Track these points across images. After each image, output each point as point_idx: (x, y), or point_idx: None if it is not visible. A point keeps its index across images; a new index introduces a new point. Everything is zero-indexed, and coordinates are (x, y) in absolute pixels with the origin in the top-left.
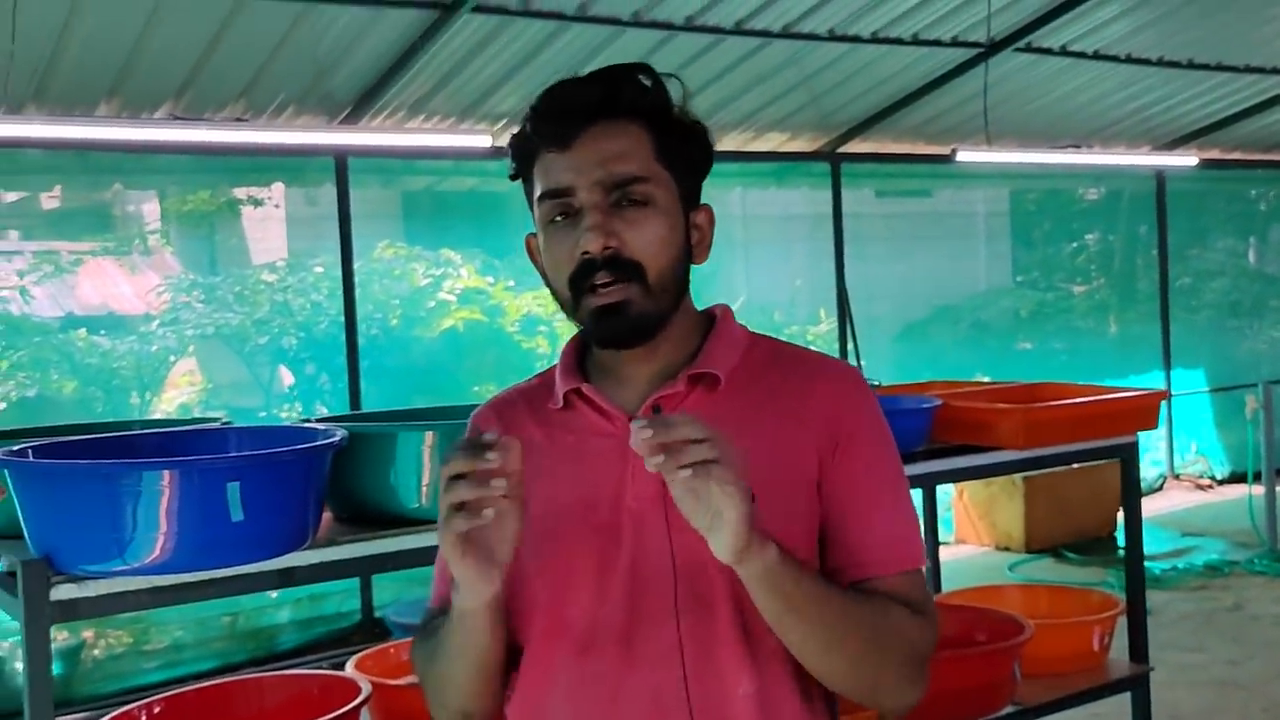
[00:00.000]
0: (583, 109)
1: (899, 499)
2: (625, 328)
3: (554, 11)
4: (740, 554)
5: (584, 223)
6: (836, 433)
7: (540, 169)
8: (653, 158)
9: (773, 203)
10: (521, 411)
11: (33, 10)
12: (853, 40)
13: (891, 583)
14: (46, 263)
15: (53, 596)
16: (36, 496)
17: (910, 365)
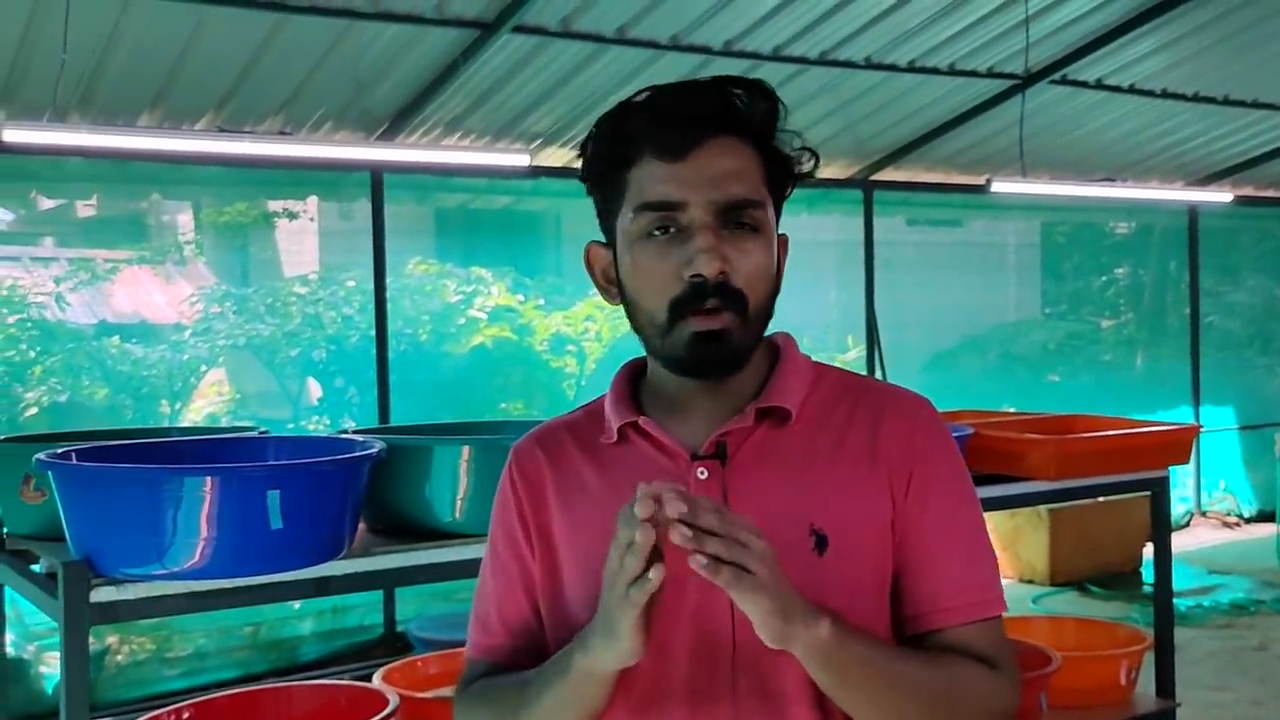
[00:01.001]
0: (703, 119)
1: (975, 542)
2: (724, 357)
3: (593, 34)
4: (782, 640)
5: (696, 243)
6: (910, 472)
7: (643, 177)
8: (761, 181)
9: (804, 228)
10: (568, 446)
11: (82, 20)
12: (889, 69)
13: (965, 633)
14: (82, 270)
15: (92, 599)
16: (79, 499)
17: (938, 395)
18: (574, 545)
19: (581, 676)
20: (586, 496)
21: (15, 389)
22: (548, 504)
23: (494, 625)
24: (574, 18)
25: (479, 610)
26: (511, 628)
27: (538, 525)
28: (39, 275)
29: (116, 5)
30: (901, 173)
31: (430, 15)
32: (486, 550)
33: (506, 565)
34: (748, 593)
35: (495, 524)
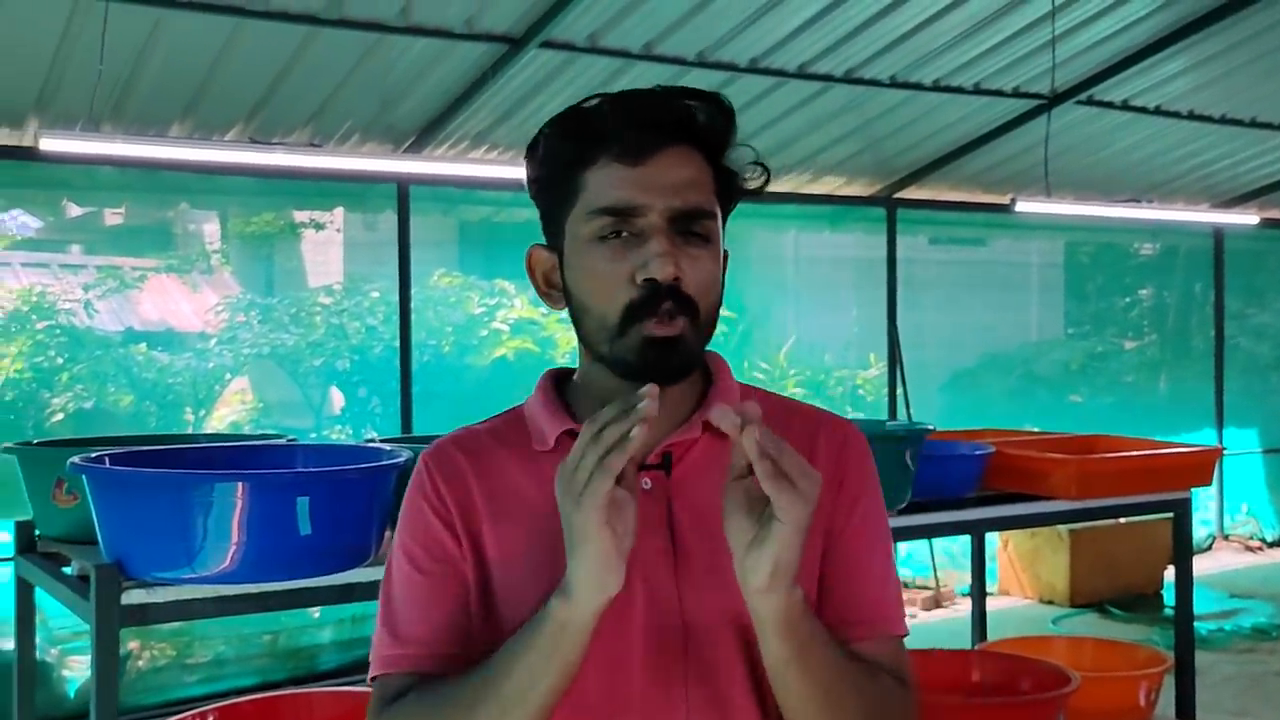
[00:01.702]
0: (664, 126)
1: (889, 563)
2: (676, 363)
3: (620, 50)
4: (777, 577)
5: (651, 247)
6: (839, 487)
7: (600, 179)
8: (714, 193)
9: (826, 246)
10: (495, 452)
11: (117, 31)
12: (914, 87)
13: (878, 647)
14: (110, 278)
15: (123, 601)
16: (111, 503)
17: (958, 413)
18: (510, 553)
19: (557, 628)
20: (521, 504)
21: (43, 395)
22: (475, 508)
23: (422, 637)
24: (601, 33)
25: (399, 627)
26: (441, 635)
27: (467, 531)
28: (68, 282)
29: (151, 17)
30: (925, 191)
31: (459, 30)
32: (397, 563)
33: (433, 574)
34: (789, 499)
35: (413, 534)
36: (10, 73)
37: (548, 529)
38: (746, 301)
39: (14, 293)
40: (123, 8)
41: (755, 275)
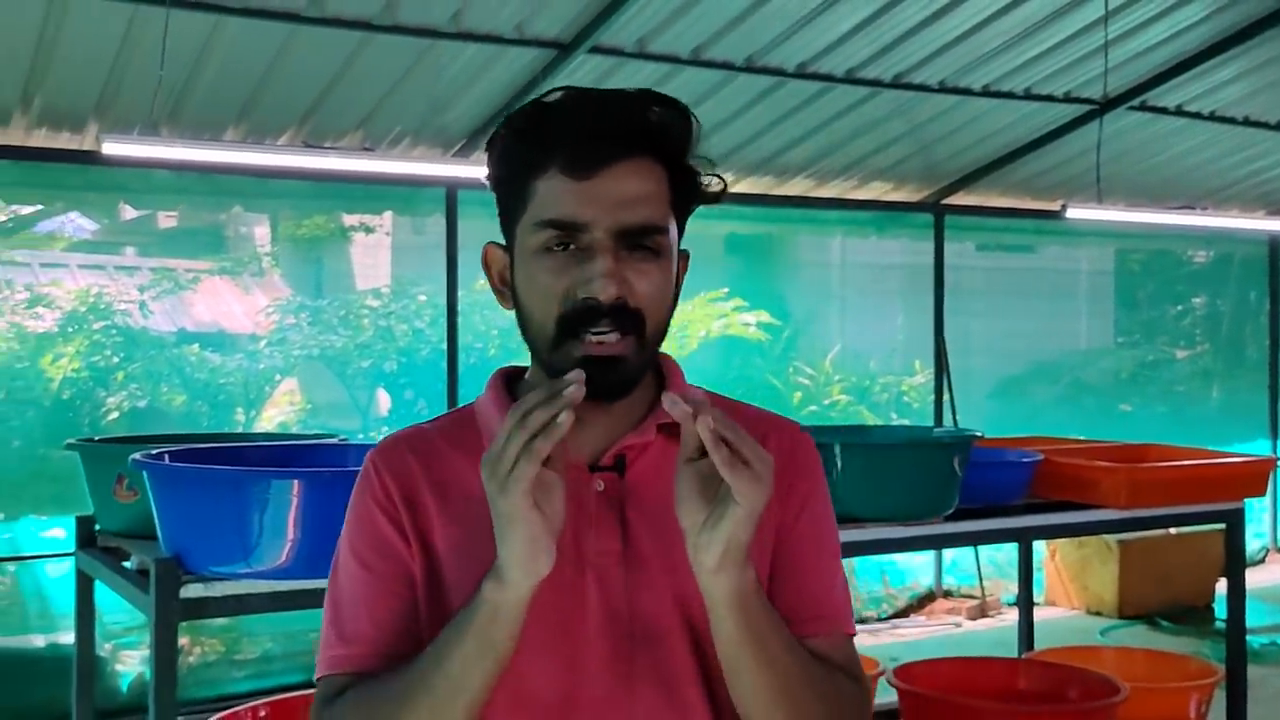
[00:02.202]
0: (616, 137)
1: (837, 562)
2: (614, 381)
3: (669, 55)
4: (729, 556)
5: (595, 266)
6: (789, 487)
7: (548, 190)
8: (668, 204)
9: (872, 252)
10: (443, 451)
11: (176, 37)
12: (963, 93)
13: (828, 643)
14: (165, 279)
15: (182, 595)
16: (171, 499)
17: (1005, 421)
18: (461, 554)
19: (490, 611)
20: (472, 505)
21: (99, 393)
22: (425, 508)
23: (368, 637)
24: (650, 38)
25: (345, 626)
26: (388, 635)
27: (415, 530)
28: (123, 283)
29: (209, 23)
30: (973, 197)
31: (510, 35)
32: (344, 562)
33: (381, 573)
34: (746, 483)
35: (359, 532)
36: (72, 78)
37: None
38: (791, 308)
39: (72, 293)
40: (182, 13)
41: (800, 281)
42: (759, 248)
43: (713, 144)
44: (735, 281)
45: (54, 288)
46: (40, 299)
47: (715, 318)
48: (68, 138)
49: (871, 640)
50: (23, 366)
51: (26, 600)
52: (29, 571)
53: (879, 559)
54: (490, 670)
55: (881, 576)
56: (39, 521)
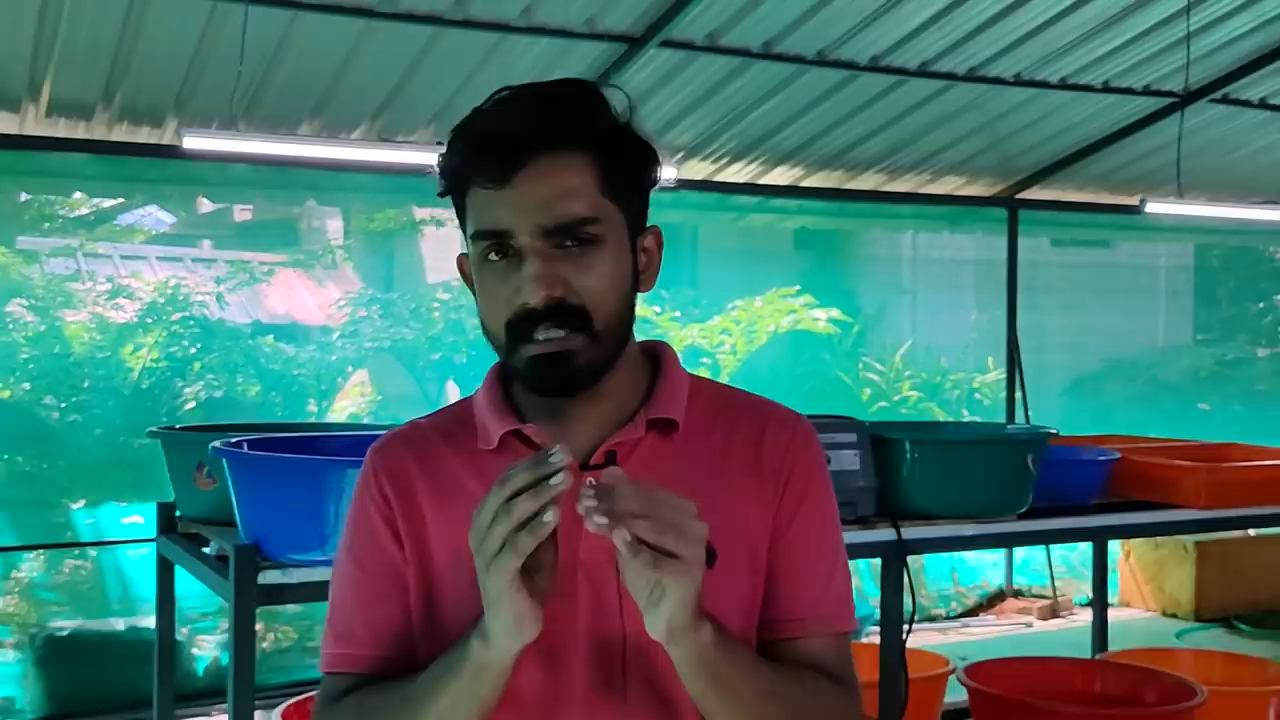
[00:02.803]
0: (522, 140)
1: (838, 557)
2: (566, 378)
3: (740, 48)
4: (674, 635)
5: (525, 270)
6: (786, 482)
7: (474, 203)
8: (600, 192)
9: (944, 247)
10: (440, 449)
11: (253, 32)
12: (1040, 85)
13: (820, 644)
14: (241, 271)
15: (260, 581)
16: (250, 487)
17: (1079, 419)
18: (453, 554)
19: (477, 667)
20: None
21: (176, 383)
22: (420, 509)
23: (359, 636)
24: (721, 32)
25: (339, 624)
26: (381, 639)
27: (410, 531)
28: (201, 275)
29: (285, 18)
30: (1049, 192)
31: (580, 30)
32: (341, 559)
33: (372, 572)
34: (670, 577)
35: (355, 530)
36: (152, 74)
37: None
38: (861, 303)
39: (151, 285)
40: (259, 9)
41: (871, 276)
42: (829, 243)
43: (783, 138)
44: (805, 277)
45: (134, 279)
46: (121, 290)
47: (785, 313)
48: (148, 132)
49: (940, 639)
50: (104, 356)
51: (107, 584)
52: (110, 556)
53: (949, 556)
54: (477, 711)
55: (951, 574)
56: (120, 508)
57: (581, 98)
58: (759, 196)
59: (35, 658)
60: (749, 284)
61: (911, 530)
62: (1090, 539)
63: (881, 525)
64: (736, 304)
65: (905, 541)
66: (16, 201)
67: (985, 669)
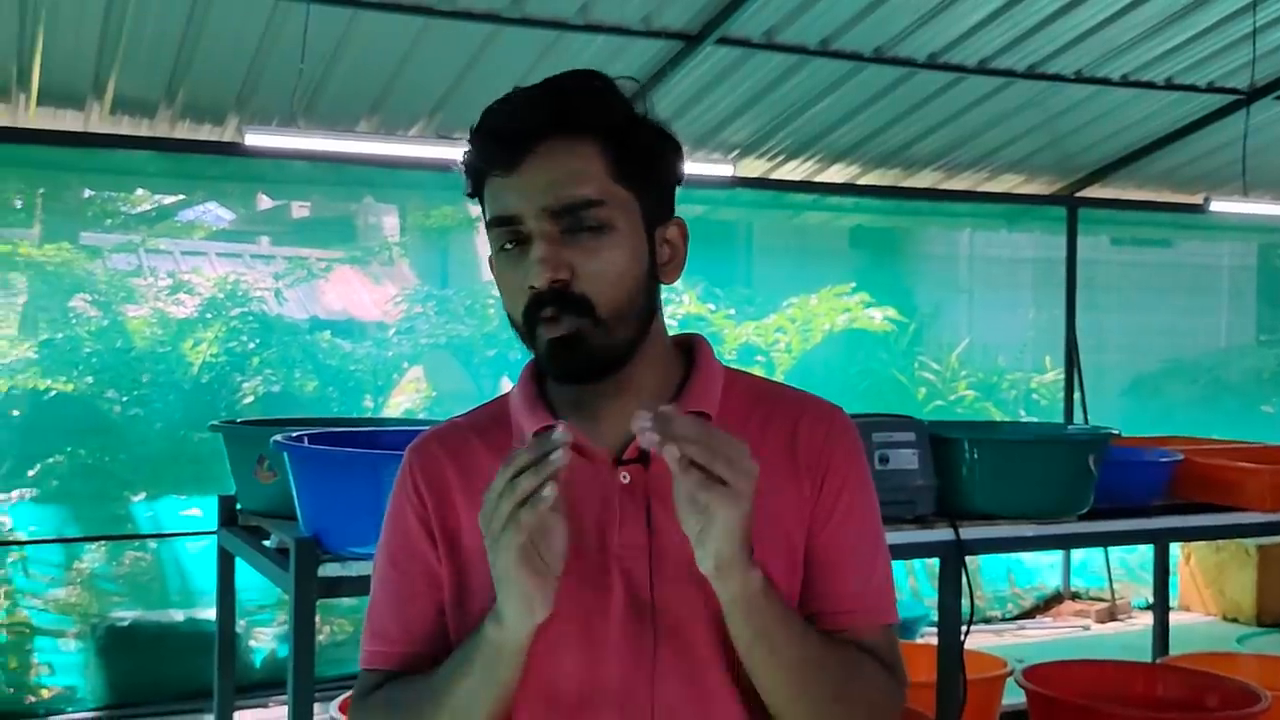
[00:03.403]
0: (529, 128)
1: (878, 550)
2: (581, 362)
3: (797, 45)
4: (724, 567)
5: (532, 254)
6: (823, 475)
7: (488, 193)
8: (610, 178)
9: (1002, 245)
10: (475, 448)
11: (313, 31)
12: (1101, 82)
13: (866, 635)
14: (299, 268)
15: (320, 573)
16: (310, 480)
17: (1139, 420)
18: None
19: (492, 650)
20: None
21: (235, 378)
22: (454, 508)
23: (393, 634)
24: (778, 29)
25: (374, 621)
26: (414, 636)
27: (443, 530)
28: (260, 271)
29: (345, 16)
30: (1109, 190)
31: (637, 27)
32: (379, 557)
33: (407, 571)
34: (718, 500)
35: (392, 529)
36: (214, 72)
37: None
38: (917, 301)
39: (211, 280)
40: (320, 7)
41: (927, 275)
42: (885, 241)
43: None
44: (861, 275)
45: (194, 275)
46: (182, 285)
47: (840, 311)
48: (209, 130)
49: (996, 640)
50: (165, 351)
51: (167, 576)
52: (169, 548)
53: (1005, 558)
54: (497, 696)
55: (1007, 576)
56: (179, 501)
57: (588, 86)
58: (814, 194)
59: (96, 647)
60: (804, 282)
61: (970, 530)
62: (1152, 541)
63: (940, 525)
64: (791, 302)
65: (964, 541)
66: (80, 198)
67: (1044, 671)
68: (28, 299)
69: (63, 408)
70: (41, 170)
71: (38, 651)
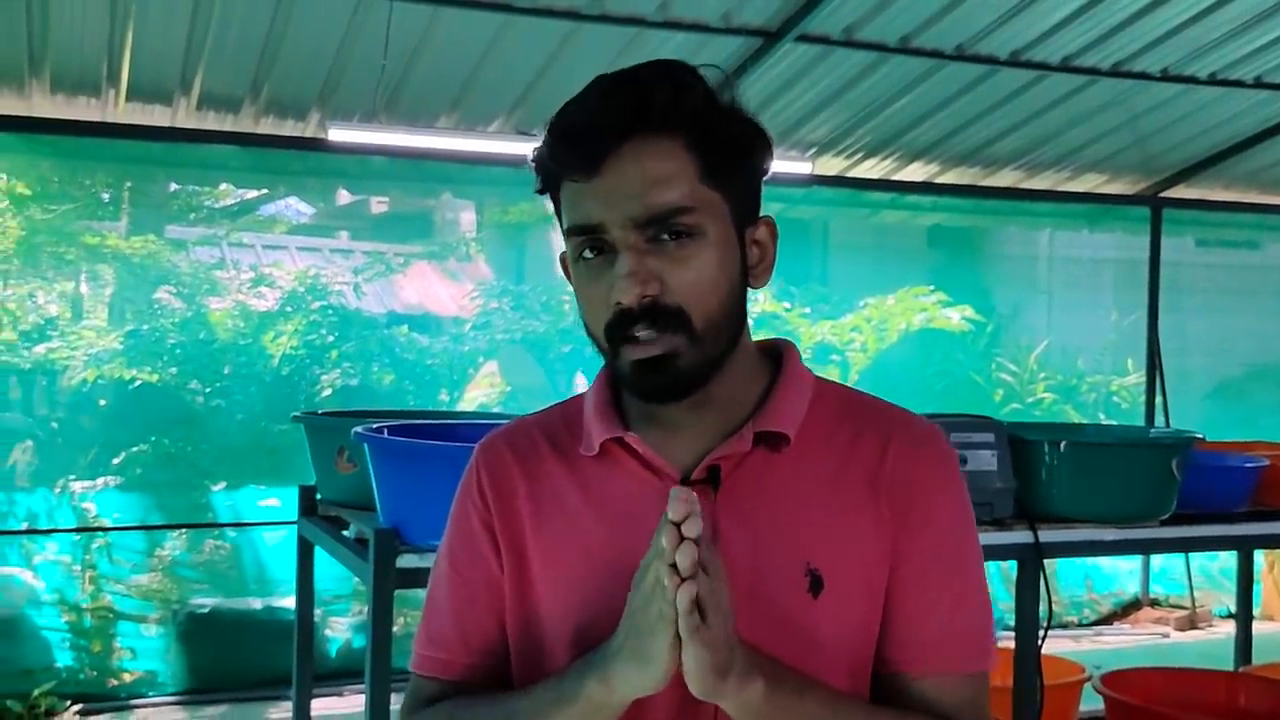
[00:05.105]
0: (610, 127)
1: (969, 587)
2: (670, 383)
3: (876, 43)
4: (707, 695)
5: (618, 267)
6: (910, 504)
7: (566, 198)
8: (698, 179)
9: (1083, 246)
10: (543, 451)
11: (397, 28)
12: (1188, 81)
13: (941, 684)
14: (377, 263)
15: (398, 564)
16: (391, 472)
17: (1223, 425)
18: (550, 563)
19: (594, 708)
20: (564, 513)
21: (314, 370)
22: (519, 514)
23: (451, 642)
24: (858, 26)
25: (431, 625)
26: (471, 646)
27: (507, 536)
28: (339, 266)
29: (426, 13)
30: (1195, 190)
31: (716, 24)
32: (440, 559)
33: (468, 578)
34: (695, 643)
35: (455, 531)
36: (298, 69)
37: (592, 542)
38: (995, 302)
39: (291, 274)
40: (402, 4)
41: (1006, 275)
42: (963, 241)
43: (918, 134)
44: (938, 275)
45: (275, 269)
46: (263, 279)
47: (917, 311)
48: (292, 125)
49: (1073, 646)
50: (246, 344)
51: (245, 564)
52: (247, 537)
53: (1082, 563)
54: None
55: (1085, 582)
56: (257, 491)
57: (670, 78)
58: (893, 193)
59: (177, 633)
60: (881, 281)
61: (1049, 533)
62: (1236, 548)
63: (1018, 527)
64: (868, 301)
65: (1043, 544)
66: (166, 192)
67: (1122, 678)
68: (115, 290)
69: (147, 398)
70: (129, 164)
71: (120, 636)
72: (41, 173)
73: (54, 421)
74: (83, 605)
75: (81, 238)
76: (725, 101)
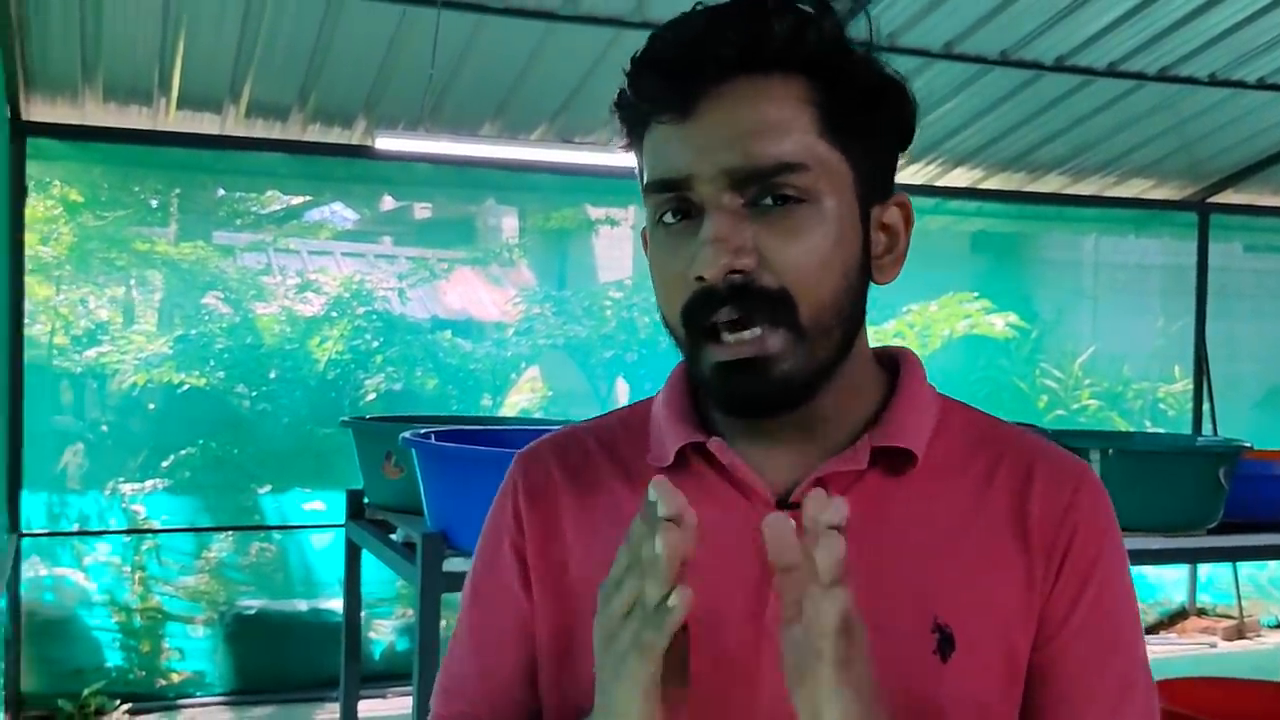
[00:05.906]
0: (711, 58)
1: (1134, 668)
2: (765, 393)
3: (919, 49)
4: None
5: (703, 232)
6: (1062, 559)
7: (649, 144)
8: (816, 132)
9: (1129, 251)
10: (596, 462)
11: (442, 36)
12: (1236, 85)
13: None
14: (421, 268)
15: (445, 568)
16: (438, 477)
17: (1272, 432)
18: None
19: None
20: (618, 533)
21: (358, 375)
22: (562, 536)
23: (469, 678)
24: (901, 32)
25: (451, 667)
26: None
27: (546, 563)
28: (383, 271)
29: (470, 22)
30: (1243, 196)
31: None
32: (467, 590)
33: (493, 612)
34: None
35: (481, 559)
36: (345, 77)
37: None
38: (1040, 308)
39: (337, 280)
40: (449, 13)
41: (1051, 281)
42: (1008, 246)
43: (962, 139)
44: (982, 280)
45: (320, 274)
46: (309, 285)
47: (961, 317)
48: (338, 133)
49: None
50: (292, 349)
51: (291, 567)
52: (293, 540)
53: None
54: None
55: None
56: (303, 494)
57: (794, 8)
58: (937, 198)
59: (224, 634)
60: (925, 287)
61: None
62: None
63: None
64: (911, 307)
65: None
66: (214, 198)
67: (1170, 688)
68: (164, 295)
69: (195, 402)
70: (178, 171)
71: (169, 637)
72: (93, 179)
73: (104, 425)
74: (132, 606)
75: (132, 244)
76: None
